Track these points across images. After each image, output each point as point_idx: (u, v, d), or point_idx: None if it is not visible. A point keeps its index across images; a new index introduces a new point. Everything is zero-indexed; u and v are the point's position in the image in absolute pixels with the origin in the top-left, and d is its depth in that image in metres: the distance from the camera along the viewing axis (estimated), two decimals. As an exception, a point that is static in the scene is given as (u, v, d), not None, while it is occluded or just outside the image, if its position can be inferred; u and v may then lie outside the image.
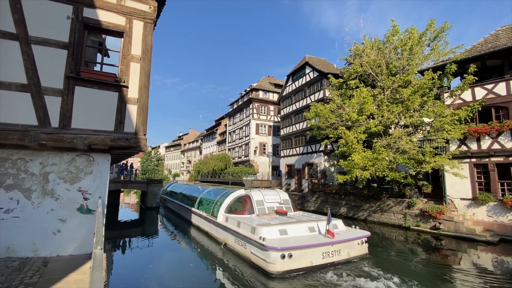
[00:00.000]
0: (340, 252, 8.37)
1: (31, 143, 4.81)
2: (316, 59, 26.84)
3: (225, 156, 37.76)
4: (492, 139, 12.18)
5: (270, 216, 10.70)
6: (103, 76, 5.59)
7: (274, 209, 11.23)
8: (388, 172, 13.93)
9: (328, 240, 8.21)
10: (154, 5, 6.27)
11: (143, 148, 5.85)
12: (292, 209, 11.67)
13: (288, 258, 7.38)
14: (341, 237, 8.60)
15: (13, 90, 4.89)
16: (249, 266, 8.19)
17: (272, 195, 11.94)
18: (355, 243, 8.84)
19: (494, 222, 11.81)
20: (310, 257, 7.77)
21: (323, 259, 7.98)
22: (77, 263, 4.63)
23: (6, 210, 4.88)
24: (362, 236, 9.07)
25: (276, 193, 12.27)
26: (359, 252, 8.90)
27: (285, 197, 12.13)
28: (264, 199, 11.51)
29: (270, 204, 11.41)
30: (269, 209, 11.20)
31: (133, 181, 23.05)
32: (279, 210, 11.08)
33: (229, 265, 8.54)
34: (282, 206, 11.53)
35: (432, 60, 14.93)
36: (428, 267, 8.47)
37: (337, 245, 8.34)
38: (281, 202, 11.76)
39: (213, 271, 8.53)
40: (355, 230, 9.65)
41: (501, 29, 14.15)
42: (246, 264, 8.34)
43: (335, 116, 16.48)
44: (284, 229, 8.52)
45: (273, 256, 7.36)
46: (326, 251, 8.10)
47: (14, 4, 4.99)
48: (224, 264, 8.74)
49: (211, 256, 9.86)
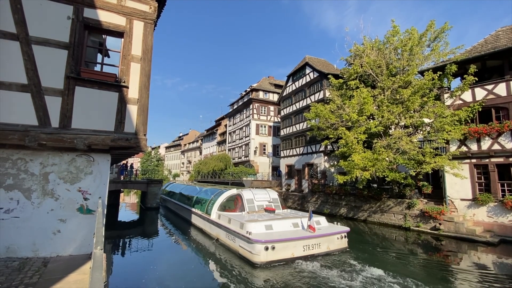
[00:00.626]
0: (320, 245, 9.22)
1: (31, 143, 4.81)
2: (316, 59, 26.85)
3: (225, 156, 37.77)
4: (492, 140, 12.18)
5: (259, 213, 11.50)
6: (104, 76, 5.59)
7: (264, 207, 12.04)
8: (388, 173, 13.92)
9: (308, 234, 9.05)
10: (155, 5, 6.27)
11: (143, 148, 5.85)
12: (281, 207, 12.42)
13: (271, 250, 8.19)
14: (321, 232, 9.45)
15: (14, 90, 4.89)
16: (237, 258, 8.95)
17: (262, 194, 12.74)
18: (335, 238, 9.67)
19: (494, 223, 11.80)
20: (292, 249, 8.61)
21: (304, 251, 8.81)
22: (77, 264, 4.62)
23: (6, 210, 4.88)
24: (342, 231, 9.92)
25: (266, 192, 13.05)
26: (338, 246, 9.70)
27: (274, 196, 12.91)
28: (254, 198, 12.32)
29: (259, 203, 12.22)
30: (258, 207, 12.01)
31: (133, 181, 23.05)
32: (268, 208, 11.91)
33: (221, 258, 9.28)
34: (271, 204, 12.35)
35: (432, 60, 14.94)
36: (428, 267, 8.46)
37: (317, 239, 9.17)
38: (271, 200, 12.58)
39: (206, 263, 9.16)
40: (336, 226, 10.44)
41: (501, 30, 14.15)
42: (235, 257, 9.11)
43: (335, 117, 16.48)
44: (270, 224, 9.28)
45: (257, 248, 8.16)
46: (306, 244, 8.93)
47: (15, 4, 4.99)
48: (216, 257, 9.43)
49: (205, 251, 10.47)
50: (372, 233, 13.57)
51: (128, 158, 20.52)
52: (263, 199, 12.49)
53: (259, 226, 9.01)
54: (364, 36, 17.45)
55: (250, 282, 7.21)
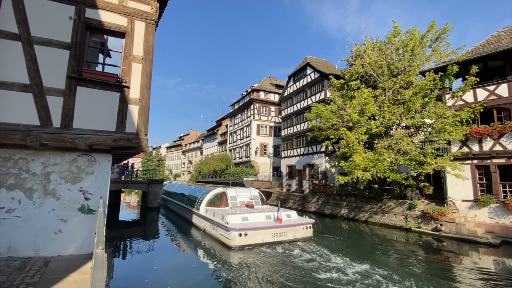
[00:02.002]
0: (286, 233, 11.17)
1: (33, 143, 4.82)
2: (317, 60, 26.84)
3: (226, 156, 37.77)
4: (494, 141, 12.14)
5: (240, 208, 13.34)
6: (105, 76, 5.60)
7: (245, 203, 13.92)
8: (389, 173, 13.90)
9: (276, 224, 10.98)
10: (156, 5, 6.29)
11: (144, 148, 5.85)
12: (260, 203, 14.54)
13: (244, 236, 10.12)
14: (288, 223, 11.40)
15: (16, 90, 4.91)
16: (218, 244, 10.87)
17: (244, 192, 14.72)
18: (300, 228, 11.58)
19: (496, 224, 11.76)
20: (262, 236, 10.57)
21: (272, 238, 10.76)
22: (78, 263, 4.63)
23: (7, 209, 4.89)
24: (307, 223, 11.85)
25: (248, 190, 15.09)
26: (303, 235, 11.58)
27: (255, 194, 14.90)
28: (237, 195, 14.25)
29: (241, 199, 14.11)
30: (240, 203, 13.91)
31: (134, 181, 23.06)
32: (248, 204, 13.87)
33: (206, 245, 11.11)
34: (252, 201, 14.26)
35: (433, 61, 14.91)
36: (429, 268, 8.43)
37: (284, 228, 11.11)
38: (251, 197, 14.53)
39: (195, 251, 10.78)
40: (303, 218, 12.36)
41: (503, 30, 14.11)
42: (216, 243, 11.03)
43: (336, 117, 16.46)
44: (246, 216, 11.11)
45: (233, 234, 10.09)
46: (274, 232, 10.88)
47: (17, 4, 5.01)
48: (202, 245, 11.29)
49: (194, 240, 12.21)
50: (372, 234, 13.54)
51: (129, 158, 20.52)
52: (245, 196, 14.39)
53: (236, 218, 10.84)
54: (365, 36, 17.45)
55: (227, 261, 8.88)
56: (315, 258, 8.94)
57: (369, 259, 9.01)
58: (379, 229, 14.43)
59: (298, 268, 8.06)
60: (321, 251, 9.86)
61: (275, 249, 10.08)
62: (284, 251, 9.85)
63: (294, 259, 8.84)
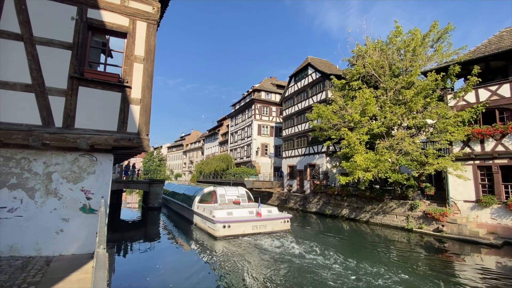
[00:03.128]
0: (265, 226, 12.89)
1: (35, 142, 4.84)
2: (319, 60, 26.81)
3: (227, 156, 37.77)
4: (496, 141, 12.09)
5: (228, 205, 14.70)
6: (107, 76, 5.62)
7: (233, 200, 15.43)
8: (391, 174, 13.86)
9: (256, 218, 12.74)
10: (158, 6, 6.29)
11: (145, 148, 5.86)
12: (247, 201, 16.03)
13: (228, 227, 11.89)
14: (268, 217, 13.12)
15: (18, 90, 4.93)
16: (206, 234, 12.73)
17: (232, 191, 16.33)
18: (279, 222, 13.33)
19: (498, 225, 11.71)
20: (243, 228, 12.29)
21: (252, 229, 12.47)
22: (79, 263, 4.64)
23: (9, 209, 4.91)
24: (285, 217, 13.62)
25: (236, 189, 16.67)
26: (281, 227, 13.31)
27: (242, 192, 16.48)
28: (226, 193, 15.86)
29: (229, 197, 15.68)
30: (228, 200, 15.43)
31: (135, 181, 23.10)
32: (235, 201, 15.34)
33: (196, 236, 12.84)
34: (239, 198, 15.76)
35: (435, 61, 14.87)
36: (430, 269, 8.40)
37: (263, 221, 12.85)
38: (239, 195, 16.06)
39: (188, 243, 12.21)
40: (282, 213, 13.98)
41: (505, 31, 14.06)
42: (205, 234, 12.86)
43: (338, 117, 16.44)
44: (231, 211, 12.80)
45: (218, 226, 11.81)
46: (255, 225, 12.60)
47: (19, 5, 5.03)
48: (193, 236, 12.97)
49: (187, 233, 13.94)
50: (374, 235, 13.50)
51: (131, 158, 20.56)
52: (233, 194, 15.97)
53: (222, 212, 12.52)
54: (366, 36, 17.41)
55: (212, 248, 10.58)
56: (283, 244, 10.92)
57: (364, 257, 9.09)
58: (380, 230, 14.39)
59: (269, 253, 9.79)
60: (292, 239, 11.77)
61: (253, 238, 11.92)
62: (262, 240, 11.61)
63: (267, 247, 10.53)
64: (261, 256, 9.39)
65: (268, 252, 9.84)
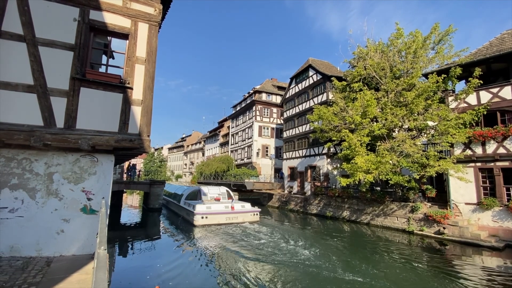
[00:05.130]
0: (237, 218, 16.18)
1: (36, 143, 4.85)
2: (320, 61, 26.84)
3: (228, 158, 37.76)
4: (497, 143, 12.06)
5: (210, 201, 17.45)
6: (108, 77, 5.63)
7: (214, 198, 18.16)
8: (392, 176, 13.83)
9: (230, 211, 16.05)
10: (159, 7, 6.32)
11: (146, 149, 5.86)
12: (227, 198, 18.70)
13: (205, 218, 15.21)
14: (240, 210, 16.43)
15: (20, 90, 4.95)
16: (188, 224, 16.02)
17: (214, 189, 19.16)
18: (249, 214, 16.62)
19: (499, 228, 11.66)
20: (218, 219, 15.59)
21: (226, 220, 15.80)
22: (80, 263, 4.64)
23: (10, 209, 4.92)
24: (254, 211, 16.94)
25: (218, 188, 19.49)
26: (251, 219, 16.56)
27: (223, 191, 19.20)
28: (209, 191, 18.71)
29: (212, 195, 18.48)
30: (211, 197, 18.23)
31: (136, 182, 23.10)
32: (216, 198, 18.17)
33: (181, 226, 15.87)
34: (220, 196, 18.60)
35: (436, 63, 14.86)
36: (432, 272, 8.36)
37: (235, 214, 16.16)
38: (220, 193, 18.81)
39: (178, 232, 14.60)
40: (253, 208, 17.09)
41: (506, 33, 14.05)
42: (188, 224, 16.05)
43: (338, 119, 16.43)
44: (210, 206, 15.90)
45: (197, 217, 15.17)
46: (228, 217, 15.92)
47: (22, 6, 5.06)
48: (180, 226, 15.93)
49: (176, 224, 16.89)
50: (374, 237, 13.45)
51: (132, 158, 20.62)
52: (214, 193, 18.70)
53: (202, 206, 15.66)
54: (367, 38, 17.45)
55: (192, 232, 13.93)
56: (244, 230, 14.11)
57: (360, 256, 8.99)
58: (381, 231, 14.34)
59: (237, 236, 12.92)
60: (255, 228, 14.82)
61: (226, 227, 14.91)
62: (233, 228, 14.56)
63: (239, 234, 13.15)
64: (230, 238, 12.41)
65: (237, 235, 13.03)
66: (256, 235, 13.18)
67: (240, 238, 12.36)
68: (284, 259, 9.41)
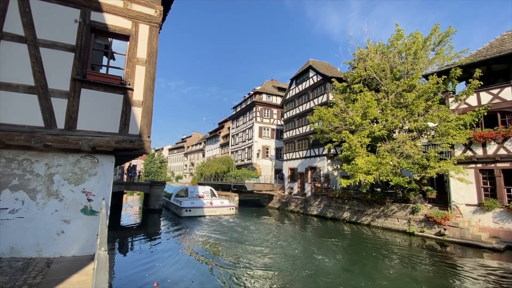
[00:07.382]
0: (216, 211, 20.16)
1: (37, 144, 4.86)
2: (320, 62, 26.87)
3: (228, 159, 37.75)
4: (498, 145, 12.04)
5: (195, 198, 21.32)
6: (109, 78, 5.65)
7: (199, 195, 22.12)
8: (392, 177, 13.81)
9: (209, 206, 20.09)
10: (160, 9, 6.34)
11: (147, 150, 5.87)
12: (210, 196, 22.61)
13: (189, 211, 19.07)
14: (217, 205, 20.50)
15: (21, 91, 4.96)
16: (176, 216, 19.88)
17: (200, 188, 23.23)
18: (226, 209, 20.69)
19: (500, 229, 11.63)
20: (199, 212, 19.53)
21: (206, 213, 19.62)
22: (80, 264, 4.64)
23: (11, 210, 4.92)
24: (231, 206, 21.24)
25: (203, 187, 23.53)
26: (228, 212, 20.53)
27: (207, 190, 23.16)
28: (195, 190, 22.71)
29: (197, 193, 22.39)
30: (196, 195, 22.09)
31: (136, 183, 23.09)
32: (201, 196, 22.12)
33: (170, 217, 19.72)
34: (204, 194, 22.51)
35: (436, 64, 14.87)
36: (432, 274, 8.34)
37: (214, 208, 20.21)
38: (204, 192, 22.70)
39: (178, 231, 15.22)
40: (230, 203, 21.55)
41: (506, 34, 14.06)
42: (176, 216, 19.88)
43: (339, 120, 16.44)
44: (193, 202, 19.92)
45: (183, 210, 19.02)
46: (208, 210, 19.86)
47: (23, 7, 5.08)
48: (170, 217, 19.50)
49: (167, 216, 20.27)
50: (374, 238, 13.42)
51: (132, 159, 20.69)
52: (199, 191, 22.62)
53: (187, 202, 19.66)
54: (368, 39, 17.46)
55: (179, 221, 17.59)
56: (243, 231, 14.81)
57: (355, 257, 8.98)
58: (381, 233, 14.31)
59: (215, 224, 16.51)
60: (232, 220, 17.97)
61: (206, 218, 18.61)
62: (212, 220, 18.03)
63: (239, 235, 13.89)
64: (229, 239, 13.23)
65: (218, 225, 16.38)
66: (256, 234, 13.35)
67: (240, 241, 12.32)
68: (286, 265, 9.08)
